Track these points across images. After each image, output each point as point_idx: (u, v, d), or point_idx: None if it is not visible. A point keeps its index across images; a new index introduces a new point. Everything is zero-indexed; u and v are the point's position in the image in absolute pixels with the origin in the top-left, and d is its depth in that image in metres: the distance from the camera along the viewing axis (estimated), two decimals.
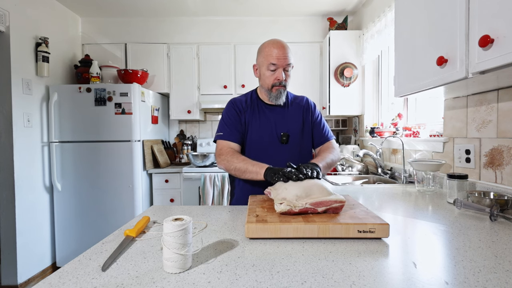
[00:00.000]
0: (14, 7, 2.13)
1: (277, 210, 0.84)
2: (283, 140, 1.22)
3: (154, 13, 2.91)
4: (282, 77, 1.16)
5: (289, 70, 1.19)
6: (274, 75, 1.17)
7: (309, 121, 1.30)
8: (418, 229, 0.84)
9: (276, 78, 1.17)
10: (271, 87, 1.19)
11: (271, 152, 1.21)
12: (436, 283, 0.53)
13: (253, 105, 1.26)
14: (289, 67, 1.18)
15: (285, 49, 1.16)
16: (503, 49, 0.76)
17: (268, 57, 1.16)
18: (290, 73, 1.20)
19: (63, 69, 2.68)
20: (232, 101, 1.28)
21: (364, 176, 2.09)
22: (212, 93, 2.90)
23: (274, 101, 1.23)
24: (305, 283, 0.53)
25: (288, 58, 1.16)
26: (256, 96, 1.29)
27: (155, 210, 1.06)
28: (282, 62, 1.15)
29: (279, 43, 1.17)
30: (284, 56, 1.15)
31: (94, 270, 0.59)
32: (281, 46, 1.16)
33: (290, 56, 1.18)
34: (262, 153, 1.21)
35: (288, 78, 1.20)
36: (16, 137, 2.14)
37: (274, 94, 1.20)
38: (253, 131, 1.23)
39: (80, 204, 2.42)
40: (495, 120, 1.20)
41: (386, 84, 2.48)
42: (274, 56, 1.14)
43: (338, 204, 0.82)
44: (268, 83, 1.20)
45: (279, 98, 1.21)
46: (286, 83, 1.19)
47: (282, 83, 1.17)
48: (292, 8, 2.84)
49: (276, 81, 1.17)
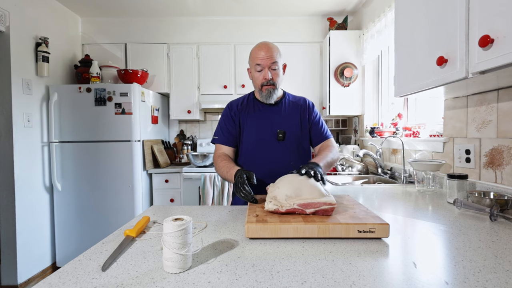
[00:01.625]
0: (14, 7, 2.13)
1: (265, 208, 0.86)
2: (279, 137, 1.25)
3: (154, 13, 2.91)
4: (268, 76, 1.20)
5: (276, 68, 1.22)
6: (261, 75, 1.22)
7: (307, 120, 1.32)
8: (418, 229, 0.84)
9: (263, 77, 1.22)
10: (260, 87, 1.24)
11: (268, 149, 1.25)
12: (436, 283, 0.53)
13: (249, 105, 1.32)
14: (275, 66, 1.21)
15: (269, 50, 1.20)
16: (503, 49, 0.76)
17: (254, 59, 1.22)
18: (278, 71, 1.23)
19: (63, 69, 2.68)
20: (229, 104, 1.34)
21: (364, 176, 2.09)
22: (212, 93, 2.90)
23: (265, 100, 1.26)
24: (305, 283, 0.53)
25: (273, 57, 1.20)
26: (253, 96, 1.35)
27: (155, 210, 1.06)
28: (267, 62, 1.20)
29: (263, 44, 1.22)
30: (268, 56, 1.19)
31: (94, 270, 0.59)
32: (265, 47, 1.21)
33: (276, 55, 1.21)
34: (259, 150, 1.25)
35: (277, 77, 1.23)
36: (16, 137, 2.14)
37: (264, 93, 1.24)
38: (250, 129, 1.27)
39: (80, 204, 2.42)
40: (495, 120, 1.20)
41: (386, 84, 2.48)
42: (259, 57, 1.20)
43: (328, 206, 0.81)
44: (258, 84, 1.25)
45: (269, 97, 1.24)
46: (275, 81, 1.22)
47: (270, 82, 1.21)
48: (292, 8, 2.84)
49: (263, 80, 1.22)
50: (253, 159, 1.26)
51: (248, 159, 1.27)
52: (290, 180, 0.92)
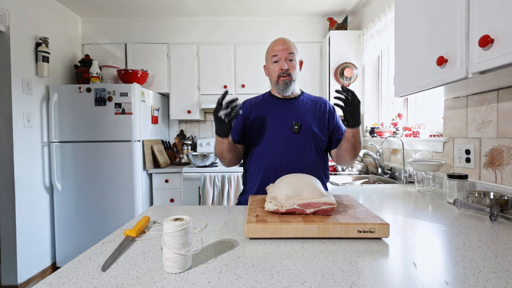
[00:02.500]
0: (14, 7, 2.13)
1: (265, 208, 0.86)
2: (295, 129, 1.22)
3: (154, 13, 2.91)
4: (285, 66, 1.20)
5: (293, 60, 1.22)
6: (277, 66, 1.22)
7: (326, 120, 1.28)
8: (418, 229, 0.84)
9: (280, 68, 1.22)
10: (277, 79, 1.23)
11: (284, 141, 1.22)
12: (436, 283, 0.53)
13: (264, 101, 1.32)
14: (292, 57, 1.21)
15: (286, 43, 1.22)
16: (503, 49, 0.76)
17: (271, 52, 1.24)
18: (295, 64, 1.23)
19: (63, 69, 2.68)
20: (243, 102, 1.35)
21: (364, 176, 2.09)
22: (212, 93, 2.90)
23: (282, 93, 1.25)
24: (305, 283, 0.53)
25: (289, 48, 1.21)
26: (269, 93, 1.35)
27: (155, 210, 1.06)
28: (283, 53, 1.21)
29: (280, 38, 1.25)
30: (285, 47, 1.21)
31: (94, 270, 0.59)
32: (282, 41, 1.23)
33: (293, 48, 1.22)
34: (275, 143, 1.23)
35: (293, 70, 1.23)
36: (16, 137, 2.14)
37: (280, 85, 1.23)
38: (266, 122, 1.26)
39: (80, 204, 2.42)
40: (495, 120, 1.20)
41: (386, 84, 2.48)
42: (276, 49, 1.22)
43: (328, 206, 0.81)
44: (274, 76, 1.25)
45: (286, 88, 1.23)
46: (291, 73, 1.22)
47: (286, 72, 1.21)
48: (292, 8, 2.84)
49: (280, 71, 1.22)
50: (269, 151, 1.22)
51: (263, 151, 1.23)
52: (290, 180, 0.92)
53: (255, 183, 1.24)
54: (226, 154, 1.20)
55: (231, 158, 1.23)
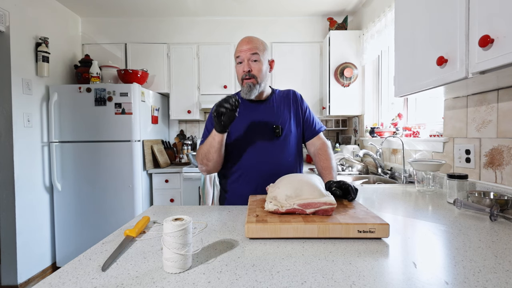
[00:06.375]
0: (14, 7, 2.13)
1: (265, 208, 0.86)
2: (276, 133, 1.19)
3: (154, 13, 2.91)
4: (246, 68, 1.13)
5: (258, 60, 1.14)
6: (241, 67, 1.15)
7: (299, 113, 1.27)
8: (418, 229, 0.84)
9: (242, 70, 1.14)
10: (241, 81, 1.17)
11: (267, 146, 1.19)
12: (436, 283, 0.53)
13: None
14: (255, 57, 1.13)
15: (250, 42, 1.15)
16: (503, 49, 0.76)
17: (235, 53, 1.18)
18: (261, 65, 1.15)
19: (63, 69, 2.68)
20: None
21: (364, 176, 2.09)
22: (212, 93, 2.90)
23: (245, 96, 1.17)
24: (305, 283, 0.53)
25: (253, 48, 1.13)
26: (241, 96, 1.25)
27: (155, 210, 1.06)
28: (246, 53, 1.13)
29: (245, 37, 1.17)
30: (247, 48, 1.13)
31: (94, 270, 0.59)
32: (246, 40, 1.16)
33: (258, 48, 1.14)
34: (260, 149, 1.19)
35: (259, 72, 1.14)
36: (16, 137, 2.14)
37: (244, 88, 1.16)
38: (244, 129, 1.20)
39: (80, 204, 2.42)
40: (495, 120, 1.20)
41: (386, 84, 2.48)
42: (238, 49, 1.15)
43: (328, 206, 0.81)
44: (239, 78, 1.19)
45: (249, 92, 1.15)
46: (255, 75, 1.14)
47: (249, 74, 1.13)
48: (292, 8, 2.84)
49: (242, 73, 1.15)
50: (255, 158, 1.18)
51: (248, 157, 1.19)
52: (290, 180, 0.92)
53: (242, 190, 1.19)
54: (213, 155, 1.12)
55: (216, 160, 1.14)
